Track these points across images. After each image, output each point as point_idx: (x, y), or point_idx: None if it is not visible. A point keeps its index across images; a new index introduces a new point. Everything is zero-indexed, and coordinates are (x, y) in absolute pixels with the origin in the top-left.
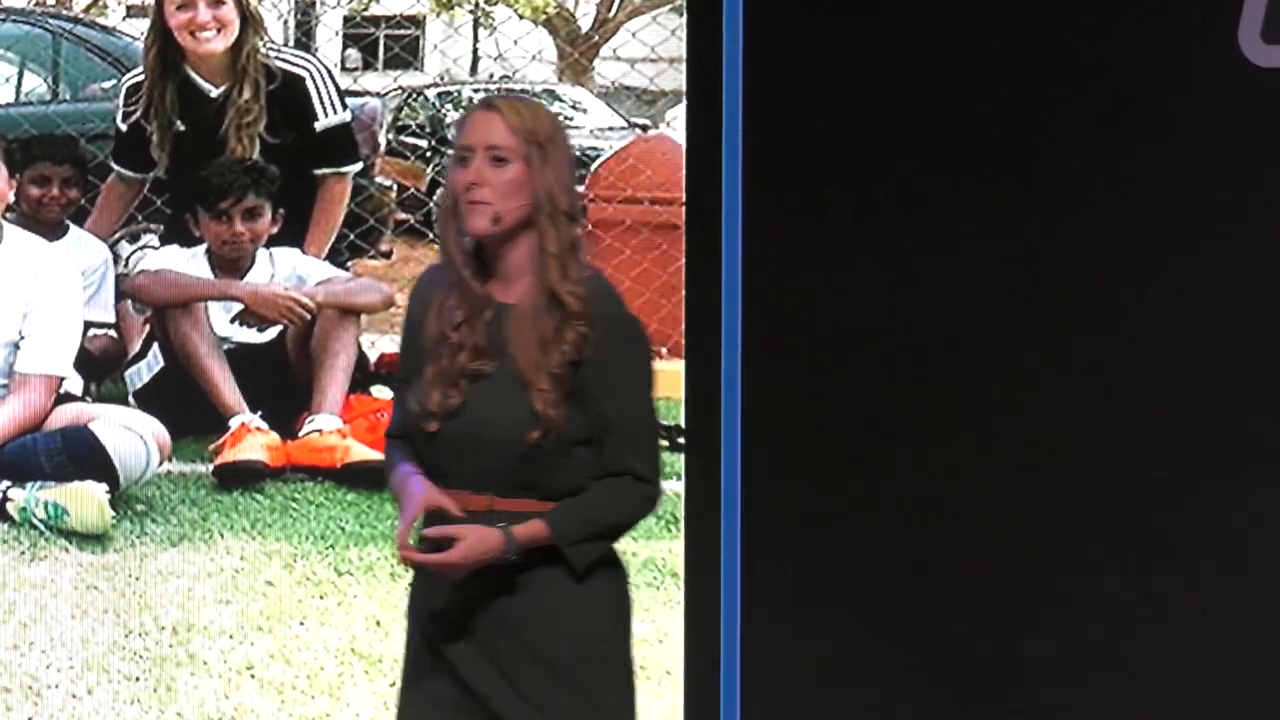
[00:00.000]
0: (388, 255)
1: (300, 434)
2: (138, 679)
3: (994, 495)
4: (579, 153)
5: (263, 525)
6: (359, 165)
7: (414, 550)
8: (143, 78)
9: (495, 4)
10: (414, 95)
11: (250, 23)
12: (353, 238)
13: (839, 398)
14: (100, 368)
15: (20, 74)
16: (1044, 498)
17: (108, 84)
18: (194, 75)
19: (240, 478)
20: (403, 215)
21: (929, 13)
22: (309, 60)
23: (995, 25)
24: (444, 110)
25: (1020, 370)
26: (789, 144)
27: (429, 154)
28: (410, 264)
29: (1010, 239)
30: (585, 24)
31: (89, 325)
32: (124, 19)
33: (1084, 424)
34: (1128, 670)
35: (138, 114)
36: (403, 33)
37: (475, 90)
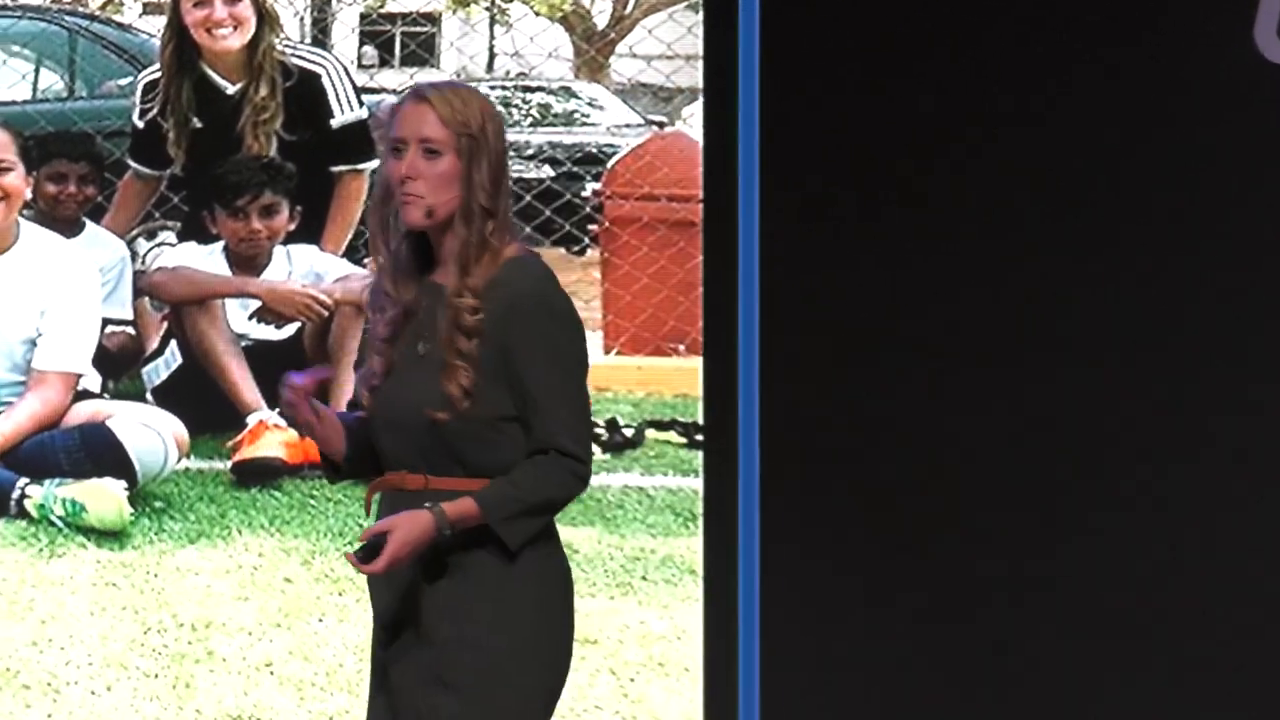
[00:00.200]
0: None
1: None
2: (156, 676)
3: (1016, 492)
4: (595, 149)
5: (281, 522)
6: (376, 162)
7: (353, 556)
8: (159, 75)
9: (511, 1)
10: None
11: (266, 20)
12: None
13: (857, 394)
14: (118, 365)
15: (37, 71)
16: (1069, 495)
17: (124, 81)
18: (210, 72)
19: (258, 474)
20: None
21: (947, 9)
22: (325, 57)
23: (1014, 21)
24: None
25: (1047, 369)
26: (806, 141)
27: None
28: None
29: (1024, 237)
30: (601, 21)
31: (107, 322)
32: (140, 16)
33: (1123, 420)
34: (1151, 671)
35: (154, 111)
36: (419, 30)
37: (492, 87)
